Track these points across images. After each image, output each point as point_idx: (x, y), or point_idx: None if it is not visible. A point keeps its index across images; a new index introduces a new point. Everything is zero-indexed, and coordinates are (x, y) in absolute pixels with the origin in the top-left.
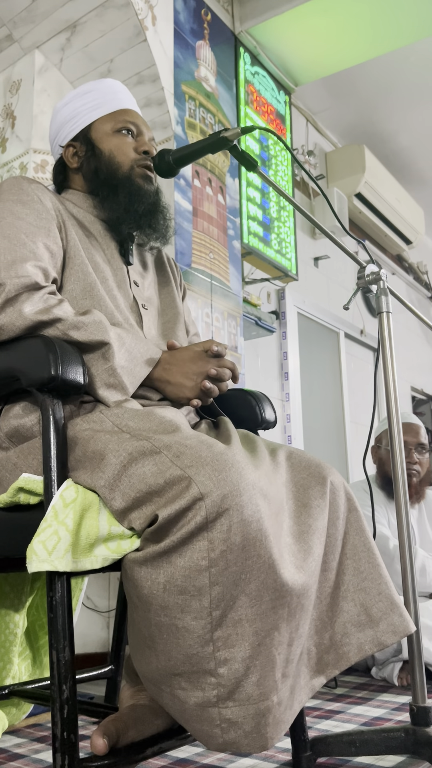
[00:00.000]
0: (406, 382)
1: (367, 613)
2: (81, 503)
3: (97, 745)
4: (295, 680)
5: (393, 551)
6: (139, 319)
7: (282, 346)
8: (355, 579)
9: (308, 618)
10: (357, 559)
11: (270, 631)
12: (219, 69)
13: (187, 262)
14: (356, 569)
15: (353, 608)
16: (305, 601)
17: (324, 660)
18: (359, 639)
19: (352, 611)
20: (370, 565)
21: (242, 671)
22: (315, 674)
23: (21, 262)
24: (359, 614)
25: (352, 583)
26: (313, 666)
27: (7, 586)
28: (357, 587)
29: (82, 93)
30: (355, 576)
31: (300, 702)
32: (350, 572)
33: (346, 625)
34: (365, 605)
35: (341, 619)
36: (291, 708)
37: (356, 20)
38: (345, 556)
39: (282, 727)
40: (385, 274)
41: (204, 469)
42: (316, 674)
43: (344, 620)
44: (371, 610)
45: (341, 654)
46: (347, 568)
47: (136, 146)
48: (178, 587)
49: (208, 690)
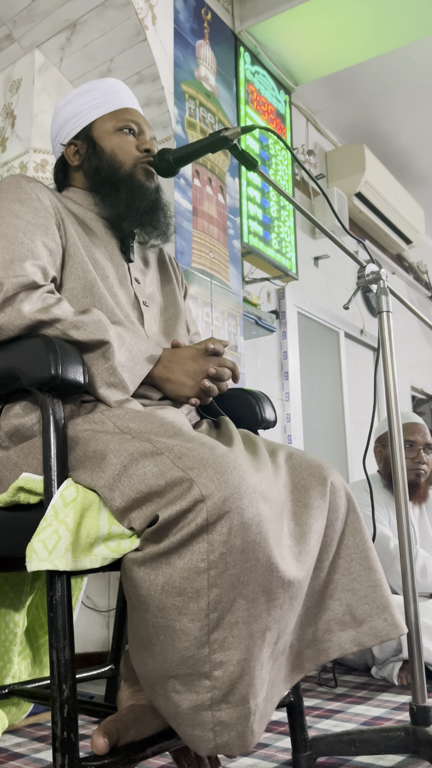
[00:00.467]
0: (406, 381)
1: (352, 614)
2: (81, 502)
3: (98, 744)
4: (276, 674)
5: (394, 551)
6: (140, 317)
7: (282, 346)
8: (344, 579)
9: (296, 615)
10: (349, 560)
11: (263, 632)
12: (219, 68)
13: (187, 262)
14: (347, 569)
15: (338, 607)
16: (296, 601)
17: (304, 654)
18: (340, 637)
19: (337, 610)
20: (362, 568)
21: (237, 674)
22: (295, 668)
23: (19, 261)
24: (344, 613)
25: (341, 583)
26: (293, 660)
27: (7, 586)
28: (345, 587)
29: (84, 92)
30: (345, 576)
31: (279, 695)
32: (341, 572)
33: (330, 622)
34: (350, 605)
35: (326, 617)
36: (272, 701)
37: (356, 19)
38: (338, 556)
39: (265, 722)
40: (385, 273)
41: (206, 471)
42: (297, 668)
43: (328, 618)
44: (356, 611)
45: (321, 650)
46: (338, 568)
47: (138, 144)
48: (177, 588)
49: (202, 693)
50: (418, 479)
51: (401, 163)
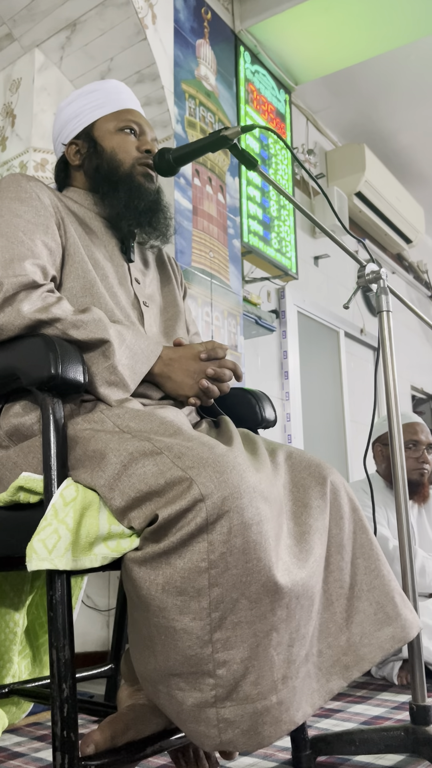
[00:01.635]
0: (406, 381)
1: (384, 611)
2: (81, 502)
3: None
4: (303, 682)
5: (393, 552)
6: (140, 317)
7: (282, 345)
8: (367, 578)
9: (311, 619)
10: (366, 558)
11: (268, 632)
12: (219, 68)
13: (187, 261)
14: (367, 567)
15: (369, 607)
16: (305, 601)
17: (341, 662)
18: (378, 638)
19: (369, 610)
20: (377, 562)
21: (241, 672)
22: (331, 677)
23: (19, 260)
24: (376, 612)
25: (366, 582)
26: (328, 669)
27: (7, 585)
28: (370, 585)
29: (86, 92)
30: (367, 575)
31: (312, 704)
32: (362, 571)
33: (364, 624)
34: (380, 603)
35: (358, 620)
36: (299, 709)
37: (356, 19)
38: (355, 556)
39: (283, 727)
40: (385, 273)
41: (205, 471)
42: (333, 677)
43: (361, 620)
44: (386, 607)
45: (361, 655)
46: (359, 567)
47: (138, 145)
48: (177, 588)
49: (206, 691)
50: (422, 479)
51: (401, 162)
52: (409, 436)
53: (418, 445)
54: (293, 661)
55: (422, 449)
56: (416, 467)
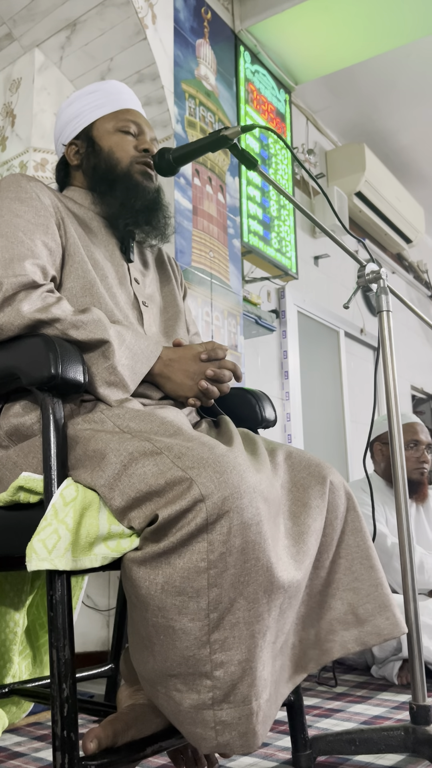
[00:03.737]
0: (406, 380)
1: (354, 613)
2: (81, 502)
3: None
4: (280, 674)
5: (391, 549)
6: (140, 317)
7: (282, 345)
8: (345, 578)
9: (294, 614)
10: (350, 559)
11: (264, 633)
12: (219, 67)
13: (187, 261)
14: (348, 569)
15: (341, 606)
16: (295, 600)
17: (308, 655)
18: (343, 637)
19: (340, 609)
20: (363, 567)
21: (238, 674)
22: (298, 669)
23: (19, 260)
24: (346, 613)
25: (343, 582)
26: (297, 661)
27: (8, 585)
28: (347, 586)
29: (86, 93)
30: (346, 575)
31: (283, 696)
32: (342, 571)
33: (332, 622)
34: (353, 605)
35: (328, 616)
36: (276, 702)
37: (356, 18)
38: (338, 555)
39: (269, 723)
40: (385, 272)
41: (205, 471)
42: (299, 669)
43: (331, 617)
44: (358, 610)
45: (324, 650)
46: (339, 567)
47: (137, 144)
48: (177, 588)
49: (203, 692)
50: (422, 478)
51: (401, 162)
52: (410, 436)
53: (418, 445)
54: (276, 657)
55: (422, 449)
56: (416, 467)
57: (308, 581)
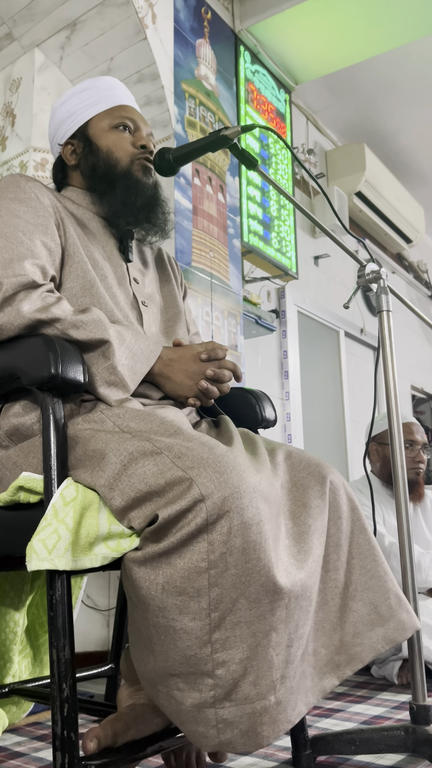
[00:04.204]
0: (406, 380)
1: (377, 612)
2: (81, 502)
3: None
4: (299, 681)
5: (388, 548)
6: (139, 317)
7: (282, 345)
8: (362, 578)
9: (309, 619)
10: (363, 558)
11: (267, 633)
12: (219, 67)
13: (187, 261)
14: (363, 567)
15: (363, 608)
16: (304, 602)
17: (335, 661)
18: (371, 638)
19: (362, 611)
20: (374, 563)
21: (240, 672)
22: (324, 675)
23: (18, 260)
24: (369, 613)
25: (360, 582)
26: (322, 667)
27: (8, 585)
28: (365, 586)
29: (79, 91)
30: (363, 575)
31: (307, 703)
32: (358, 571)
33: (357, 624)
34: (374, 604)
35: (351, 619)
36: (294, 708)
37: (356, 18)
38: (351, 556)
39: (281, 727)
40: (385, 272)
41: (205, 471)
42: (326, 675)
43: (354, 620)
44: (380, 608)
45: (353, 654)
46: (354, 567)
47: (134, 141)
48: (177, 588)
49: (205, 691)
50: (417, 477)
51: (401, 162)
52: (405, 436)
53: (413, 445)
54: (291, 661)
55: (417, 449)
56: (412, 466)
57: (321, 585)
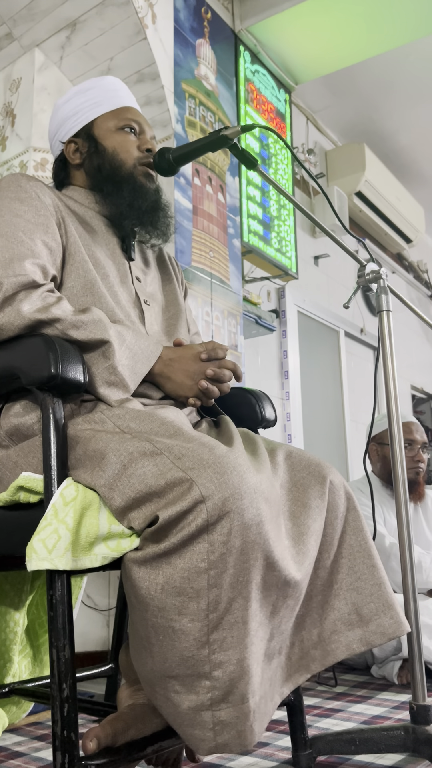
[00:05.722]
0: (406, 380)
1: (358, 613)
2: (81, 502)
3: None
4: (275, 673)
5: (389, 549)
6: (141, 315)
7: (282, 345)
8: (348, 578)
9: (292, 617)
10: (352, 559)
11: (257, 629)
12: (219, 67)
13: (187, 261)
14: (351, 568)
15: (344, 606)
16: (291, 600)
17: (310, 655)
18: (348, 637)
19: (343, 609)
20: (365, 566)
21: (237, 673)
22: (299, 669)
23: (19, 260)
24: (350, 613)
25: (346, 582)
26: (297, 660)
27: (7, 585)
28: (350, 586)
29: (83, 90)
30: (349, 575)
31: (281, 695)
32: (344, 571)
33: (336, 622)
34: (356, 604)
35: (331, 617)
36: (272, 700)
37: (356, 18)
38: (340, 555)
39: (265, 721)
40: (385, 272)
41: (206, 472)
42: (300, 669)
43: (334, 618)
44: (362, 609)
45: (328, 650)
46: (341, 567)
47: (139, 144)
48: (177, 589)
49: (202, 693)
50: (417, 477)
51: (401, 162)
52: (405, 436)
53: (413, 445)
54: (271, 656)
55: (417, 448)
56: (411, 466)
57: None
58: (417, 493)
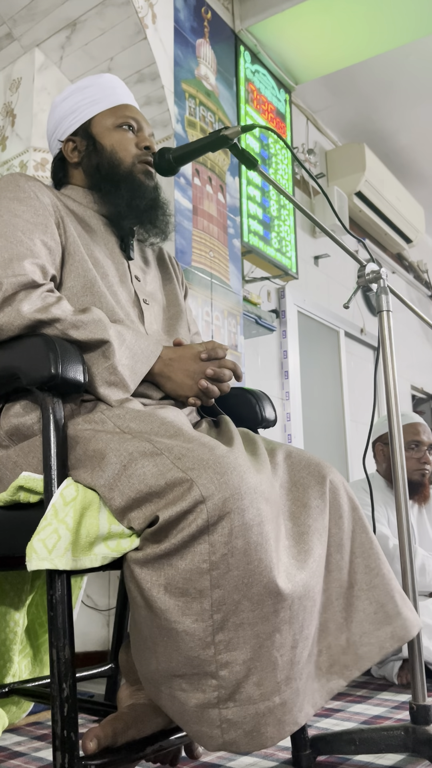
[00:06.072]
0: (406, 380)
1: (384, 610)
2: (81, 502)
3: (87, 747)
4: (306, 683)
5: (393, 550)
6: (141, 314)
7: (282, 345)
8: (366, 576)
9: (314, 620)
10: (366, 557)
11: (271, 634)
12: (219, 67)
13: (187, 261)
14: (367, 566)
15: (369, 606)
16: (308, 602)
17: (341, 661)
18: (378, 637)
19: (369, 609)
20: (378, 561)
21: (243, 673)
22: (332, 676)
23: (18, 260)
24: (376, 611)
25: (365, 581)
26: (329, 668)
27: (8, 585)
28: (370, 584)
29: (81, 88)
30: (367, 573)
31: (314, 704)
32: (362, 570)
33: (364, 624)
34: (381, 602)
35: (358, 618)
36: (301, 710)
37: (356, 18)
38: (354, 555)
39: (287, 728)
40: (385, 272)
41: (206, 472)
42: (333, 676)
43: (361, 619)
44: (387, 606)
45: (361, 654)
46: (358, 566)
47: (138, 142)
48: (179, 589)
49: (208, 692)
50: (423, 479)
51: (401, 162)
52: (411, 437)
53: (419, 446)
54: (297, 663)
55: (424, 450)
56: (417, 467)
57: (324, 585)
58: (422, 495)
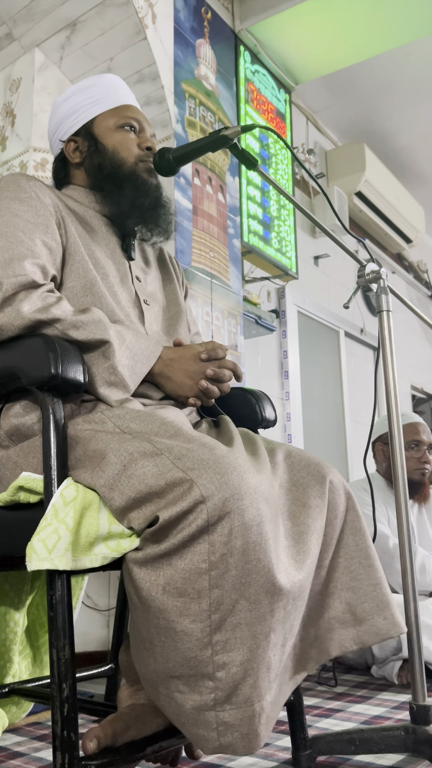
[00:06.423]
0: (406, 380)
1: (352, 612)
2: (81, 502)
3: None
4: (282, 676)
5: (393, 550)
6: (141, 315)
7: (282, 345)
8: (344, 577)
9: (300, 617)
10: (349, 558)
11: (267, 634)
12: (219, 67)
13: (187, 261)
14: (347, 568)
15: (339, 605)
16: (300, 602)
17: (307, 654)
18: (341, 635)
19: (338, 608)
20: (362, 566)
21: (240, 675)
22: (299, 668)
23: (19, 260)
24: (344, 612)
25: (341, 581)
26: (298, 660)
27: (8, 585)
28: (345, 586)
29: (83, 88)
30: (345, 575)
31: (285, 696)
32: (341, 570)
33: (331, 621)
34: (351, 604)
35: (327, 615)
36: (278, 704)
37: (356, 18)
38: (337, 555)
39: (271, 724)
40: (385, 272)
41: (206, 472)
42: (300, 668)
43: (329, 616)
44: (356, 609)
45: (323, 649)
46: (338, 566)
47: (139, 142)
48: (178, 589)
49: (205, 694)
50: (423, 478)
51: (401, 162)
52: (411, 436)
53: (419, 445)
54: (282, 660)
55: (424, 449)
56: (417, 467)
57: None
58: (422, 495)
